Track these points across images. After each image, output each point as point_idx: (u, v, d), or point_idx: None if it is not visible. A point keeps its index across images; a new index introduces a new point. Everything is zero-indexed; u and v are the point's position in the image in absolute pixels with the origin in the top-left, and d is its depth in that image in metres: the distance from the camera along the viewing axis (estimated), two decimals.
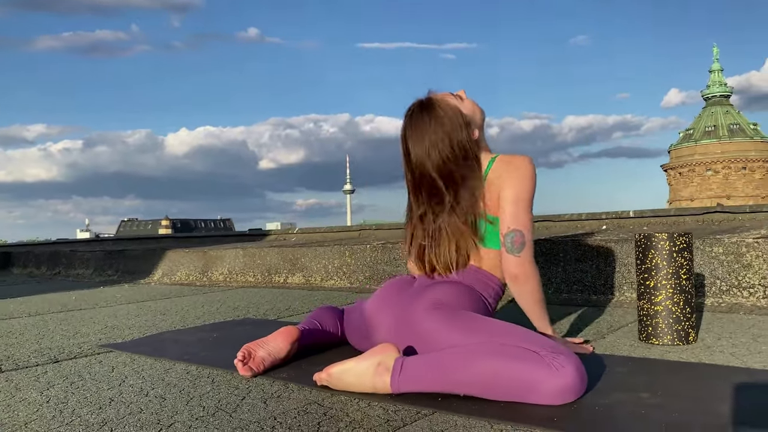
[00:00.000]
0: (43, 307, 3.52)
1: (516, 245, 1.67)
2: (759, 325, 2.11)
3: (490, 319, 1.58)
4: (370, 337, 1.79)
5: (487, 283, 1.76)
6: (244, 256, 4.52)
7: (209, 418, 1.36)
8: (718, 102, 60.64)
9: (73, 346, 2.26)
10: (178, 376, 1.74)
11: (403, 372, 1.42)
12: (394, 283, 1.83)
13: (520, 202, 1.68)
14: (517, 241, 1.67)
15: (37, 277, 6.26)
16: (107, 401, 1.52)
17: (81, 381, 1.73)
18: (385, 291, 1.81)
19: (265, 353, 1.72)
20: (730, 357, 1.70)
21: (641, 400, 1.34)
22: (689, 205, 58.61)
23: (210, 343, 2.20)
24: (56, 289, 4.72)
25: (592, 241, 2.96)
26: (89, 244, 7.46)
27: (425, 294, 1.66)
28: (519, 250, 1.67)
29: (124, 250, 5.67)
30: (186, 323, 2.70)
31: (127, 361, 1.97)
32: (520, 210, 1.68)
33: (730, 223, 3.39)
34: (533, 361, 1.36)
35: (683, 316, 1.86)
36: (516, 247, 1.67)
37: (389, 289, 1.81)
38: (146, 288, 4.56)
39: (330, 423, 1.30)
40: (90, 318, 2.98)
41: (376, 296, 1.83)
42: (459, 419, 1.29)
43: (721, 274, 2.58)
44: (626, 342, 1.94)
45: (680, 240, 1.86)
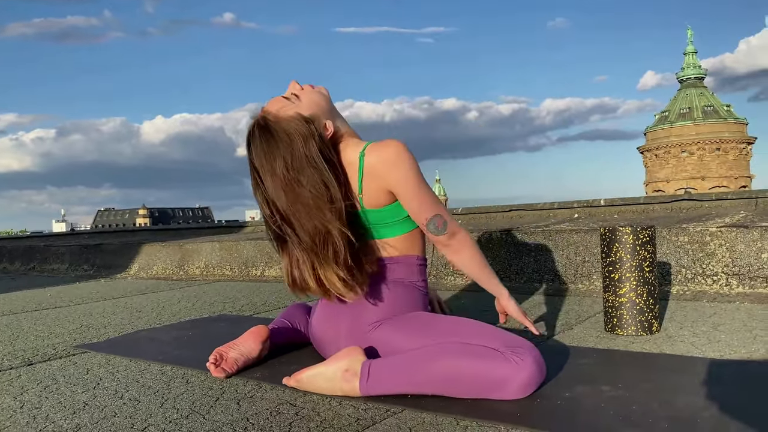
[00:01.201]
0: (17, 305, 3.50)
1: (440, 227, 1.62)
2: (720, 313, 2.18)
3: (442, 317, 1.60)
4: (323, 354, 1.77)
5: (408, 265, 1.69)
6: (221, 249, 4.52)
7: (183, 420, 1.39)
8: (693, 84, 61.33)
9: (48, 347, 2.26)
10: (153, 377, 1.76)
11: (371, 377, 1.45)
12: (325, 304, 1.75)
13: (414, 189, 1.60)
14: (439, 224, 1.62)
15: (11, 273, 6.19)
16: (81, 405, 1.53)
17: (55, 384, 1.74)
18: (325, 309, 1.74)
19: (237, 354, 1.74)
20: (691, 347, 1.76)
21: (602, 393, 1.39)
22: (665, 186, 59.26)
23: (185, 341, 2.22)
24: (31, 285, 4.68)
25: (563, 231, 3.02)
26: (64, 238, 7.39)
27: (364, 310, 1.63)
28: (444, 228, 1.63)
29: (100, 244, 5.63)
30: (162, 320, 2.71)
31: (102, 362, 1.98)
32: (423, 196, 1.61)
33: (697, 210, 3.47)
34: (494, 358, 1.40)
35: (647, 308, 1.92)
36: (441, 228, 1.63)
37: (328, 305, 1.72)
38: (122, 283, 4.54)
39: (301, 423, 1.33)
40: (65, 317, 2.97)
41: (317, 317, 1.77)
42: (427, 416, 1.33)
43: (686, 263, 2.65)
44: (593, 333, 2.00)
45: (643, 234, 1.91)
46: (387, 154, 1.59)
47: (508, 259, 3.13)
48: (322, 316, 1.76)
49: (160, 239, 5.94)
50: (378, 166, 1.59)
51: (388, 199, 1.63)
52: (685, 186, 59.16)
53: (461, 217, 4.43)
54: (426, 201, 1.61)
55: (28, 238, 8.66)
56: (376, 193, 1.61)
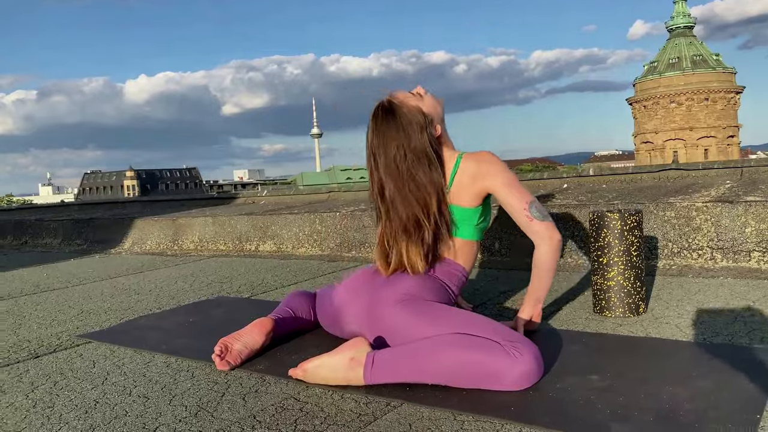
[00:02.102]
0: (16, 287, 3.54)
1: (542, 211, 1.80)
2: (704, 290, 2.26)
3: (453, 309, 1.68)
4: (340, 324, 1.89)
5: (452, 272, 1.85)
6: (214, 224, 4.55)
7: (192, 419, 1.45)
8: (682, 33, 60.86)
9: (52, 336, 2.31)
10: (158, 370, 1.82)
11: (375, 365, 1.52)
12: (363, 273, 1.90)
13: (513, 185, 1.80)
14: (540, 208, 1.80)
15: (4, 248, 6.19)
16: (92, 403, 1.59)
17: (64, 380, 1.79)
18: (355, 281, 1.89)
19: (241, 346, 1.80)
20: (676, 329, 1.84)
21: (591, 383, 1.46)
22: (653, 137, 59.26)
23: (186, 328, 2.27)
24: (26, 263, 4.71)
25: (554, 205, 3.07)
26: (54, 210, 7.37)
27: (392, 286, 1.75)
28: (546, 213, 1.80)
29: (92, 218, 5.64)
30: (161, 304, 2.76)
31: (107, 353, 2.03)
32: (518, 188, 1.81)
33: (684, 180, 3.53)
34: (495, 351, 1.47)
35: (634, 290, 1.99)
36: (544, 213, 1.79)
37: (359, 279, 1.89)
38: (117, 259, 4.58)
39: (306, 420, 1.40)
40: (64, 301, 3.02)
41: (346, 285, 1.91)
42: (425, 411, 1.40)
43: (672, 237, 2.72)
44: (582, 314, 2.07)
45: (631, 219, 1.97)
46: (485, 157, 1.83)
47: (499, 234, 3.19)
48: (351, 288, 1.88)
49: (150, 211, 5.95)
50: (473, 165, 1.81)
51: (473, 202, 1.83)
52: (674, 137, 59.32)
53: None
54: (522, 190, 1.81)
55: (18, 210, 8.63)
56: (463, 193, 1.82)
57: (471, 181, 1.81)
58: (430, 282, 1.79)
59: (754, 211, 2.55)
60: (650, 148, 61.51)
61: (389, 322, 1.67)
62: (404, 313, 1.66)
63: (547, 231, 1.78)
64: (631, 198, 3.04)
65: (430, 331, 1.58)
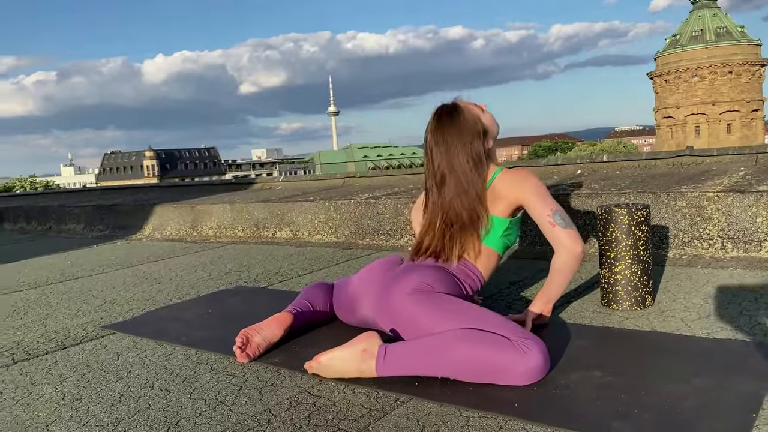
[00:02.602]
0: (42, 275, 3.66)
1: (566, 220, 1.84)
2: (713, 281, 2.29)
3: (465, 303, 1.73)
4: (355, 313, 1.97)
5: (470, 274, 1.91)
6: (232, 211, 4.63)
7: (211, 413, 1.53)
8: (706, 5, 59.50)
9: (77, 327, 2.41)
10: (179, 363, 1.90)
11: (387, 358, 1.58)
12: (381, 264, 1.98)
13: (542, 194, 1.87)
14: (566, 217, 1.85)
15: (30, 233, 6.35)
16: (117, 396, 1.68)
17: (90, 372, 1.88)
18: (371, 271, 1.97)
19: (260, 339, 1.88)
20: (681, 323, 1.88)
21: (594, 380, 1.51)
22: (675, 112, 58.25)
23: (206, 320, 2.36)
24: (51, 249, 4.84)
25: (567, 193, 3.09)
26: (77, 196, 7.52)
27: (407, 276, 1.80)
28: (571, 223, 1.84)
29: (113, 204, 5.75)
30: (182, 294, 2.85)
31: (130, 345, 2.12)
32: (547, 196, 1.87)
33: (698, 166, 3.52)
34: (504, 347, 1.53)
35: (641, 284, 2.02)
36: (568, 222, 1.84)
37: (375, 268, 1.97)
38: (139, 246, 4.69)
39: (319, 414, 1.47)
40: (89, 290, 3.12)
41: (362, 275, 1.98)
42: (433, 406, 1.46)
43: (683, 227, 2.74)
44: (590, 307, 2.11)
45: (638, 214, 2.00)
46: (521, 172, 1.93)
47: None
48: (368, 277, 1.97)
49: (169, 197, 6.06)
50: (509, 177, 1.91)
51: (503, 213, 1.91)
52: (696, 111, 58.30)
53: None
54: (549, 200, 1.88)
55: (42, 195, 8.80)
56: (494, 201, 1.90)
57: (503, 190, 1.89)
58: (445, 275, 1.84)
59: (765, 201, 2.55)
60: (671, 123, 60.58)
61: (402, 312, 1.73)
62: (417, 304, 1.71)
63: (569, 239, 1.81)
64: (643, 186, 3.05)
65: (441, 323, 1.64)
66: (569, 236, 1.81)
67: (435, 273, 1.83)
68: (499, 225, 1.91)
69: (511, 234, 1.96)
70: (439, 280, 1.81)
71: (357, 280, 2.00)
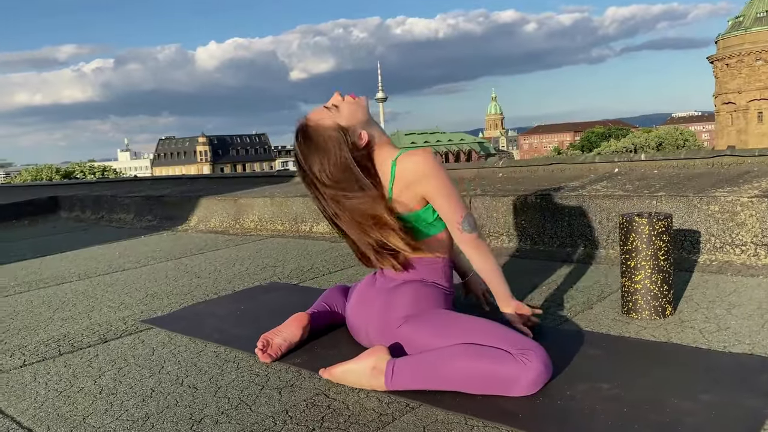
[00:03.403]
0: (91, 266, 3.86)
1: (473, 225, 1.86)
2: (739, 290, 2.26)
3: (462, 317, 1.76)
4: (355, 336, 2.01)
5: (435, 267, 1.90)
6: (272, 204, 4.76)
7: (233, 411, 1.62)
8: None
9: (119, 321, 2.55)
10: (208, 360, 2.01)
11: (395, 375, 1.64)
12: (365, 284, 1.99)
13: (448, 194, 1.82)
14: (472, 222, 1.86)
15: (84, 222, 6.66)
16: (149, 392, 1.79)
17: (127, 367, 2.01)
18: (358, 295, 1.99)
19: (281, 340, 1.97)
20: (698, 335, 1.88)
21: (600, 392, 1.54)
22: (736, 98, 56.09)
23: (238, 317, 2.47)
24: (101, 239, 5.07)
25: (597, 197, 3.08)
26: (129, 186, 7.81)
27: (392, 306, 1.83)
28: (476, 226, 1.88)
29: (161, 196, 5.97)
30: (218, 289, 2.97)
31: (166, 340, 2.25)
32: (454, 200, 1.83)
33: (738, 167, 3.44)
34: (505, 360, 1.57)
35: (660, 294, 2.02)
36: (473, 226, 1.86)
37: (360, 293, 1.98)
38: (184, 237, 4.87)
39: (332, 417, 1.55)
40: (132, 282, 3.28)
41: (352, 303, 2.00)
42: (440, 414, 1.52)
43: (716, 232, 2.70)
44: (609, 315, 2.13)
45: (659, 224, 1.99)
46: (418, 163, 1.81)
47: (542, 223, 3.23)
48: (355, 303, 1.99)
49: (215, 189, 6.24)
50: (410, 174, 1.80)
51: (416, 205, 1.84)
52: (758, 97, 55.90)
53: (502, 170, 4.49)
54: (458, 202, 1.84)
55: (96, 184, 9.18)
56: (406, 199, 1.83)
57: (407, 188, 1.81)
58: (422, 290, 1.85)
59: None
60: (732, 109, 58.31)
61: (400, 342, 1.78)
62: (412, 332, 1.76)
63: (474, 241, 1.85)
64: (678, 189, 3.01)
65: (440, 343, 1.68)
66: (473, 239, 1.85)
67: (411, 292, 1.84)
68: (422, 215, 1.85)
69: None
70: (420, 299, 1.83)
71: (350, 309, 2.00)
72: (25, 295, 3.17)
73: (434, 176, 1.80)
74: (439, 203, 1.82)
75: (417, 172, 1.80)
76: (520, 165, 4.40)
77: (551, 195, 3.23)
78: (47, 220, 7.08)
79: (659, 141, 61.08)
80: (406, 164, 1.81)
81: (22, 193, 8.93)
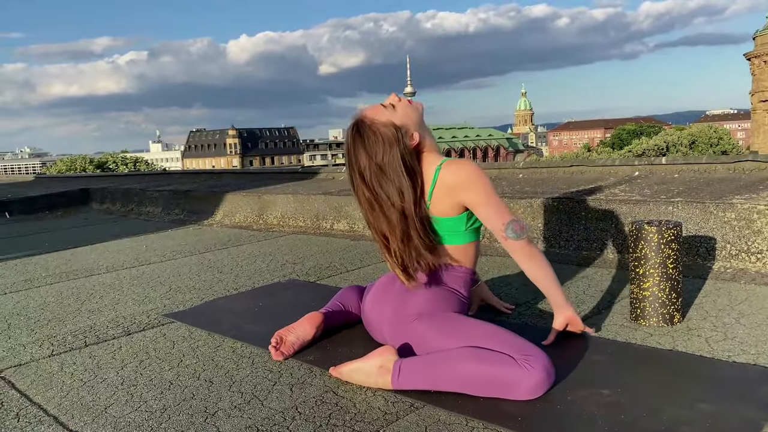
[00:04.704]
0: (119, 260, 3.99)
1: (518, 231, 1.85)
2: (750, 299, 2.26)
3: (470, 321, 1.81)
4: (370, 332, 2.08)
5: (457, 275, 1.95)
6: (295, 201, 4.85)
7: (245, 406, 1.70)
8: None
9: (143, 314, 2.65)
10: (225, 355, 2.09)
11: (401, 375, 1.70)
12: (385, 281, 2.03)
13: (491, 201, 1.85)
14: (517, 228, 1.85)
15: (114, 214, 6.84)
16: (167, 384, 1.88)
17: (148, 359, 2.10)
18: (377, 290, 2.04)
19: (294, 338, 2.04)
20: (704, 343, 1.89)
21: (600, 398, 1.58)
22: None
23: (256, 314, 2.55)
24: (130, 232, 5.22)
25: (614, 201, 3.09)
26: (157, 179, 7.99)
27: (408, 304, 1.88)
28: (523, 233, 1.86)
29: (188, 190, 6.11)
30: (238, 285, 3.06)
31: (186, 334, 2.34)
32: (498, 206, 1.86)
33: (760, 172, 3.41)
34: (508, 364, 1.62)
35: (669, 301, 2.04)
36: (519, 233, 1.85)
37: (379, 289, 2.03)
38: (209, 232, 4.99)
39: (339, 414, 1.61)
40: (158, 276, 3.39)
41: (370, 296, 2.06)
42: (442, 414, 1.57)
43: (731, 239, 2.69)
44: (618, 321, 2.15)
45: (668, 233, 2.01)
46: (462, 170, 1.85)
47: (559, 226, 3.25)
48: (373, 298, 2.05)
49: (241, 183, 6.36)
50: (454, 179, 1.84)
51: (453, 212, 1.89)
52: None
53: (522, 170, 4.51)
54: (501, 209, 1.86)
55: (126, 177, 9.39)
56: (444, 204, 1.87)
57: (447, 194, 1.84)
58: (440, 293, 1.91)
59: None
60: None
61: (410, 337, 1.84)
62: (423, 329, 1.81)
63: (520, 250, 1.86)
64: (695, 194, 3.00)
65: (448, 343, 1.74)
66: (520, 245, 1.84)
67: (430, 294, 1.89)
68: (456, 223, 1.89)
69: (476, 219, 1.92)
70: (436, 300, 1.88)
71: (368, 304, 2.06)
72: (56, 287, 3.30)
73: (477, 184, 1.83)
74: (482, 211, 1.85)
75: (460, 179, 1.84)
76: (541, 166, 4.41)
77: (568, 198, 3.25)
78: (79, 211, 7.28)
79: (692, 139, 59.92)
80: (451, 170, 1.85)
81: (56, 185, 9.19)
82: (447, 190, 1.84)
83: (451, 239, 1.92)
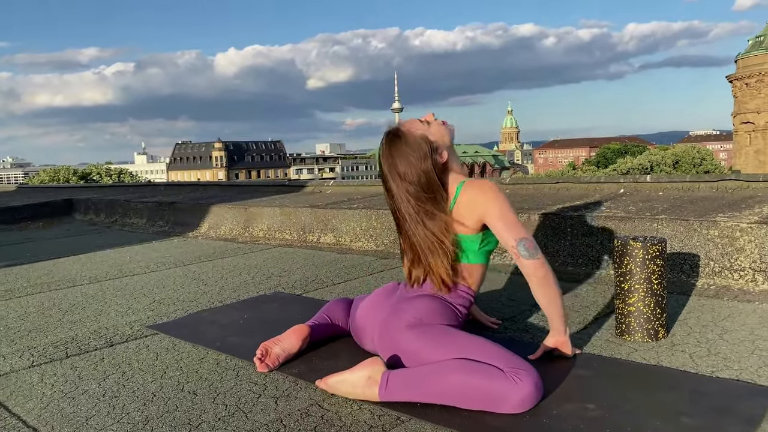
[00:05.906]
0: (102, 271, 3.94)
1: (531, 250, 1.87)
2: (734, 315, 2.29)
3: (462, 334, 1.81)
4: (361, 341, 2.09)
5: (460, 293, 1.98)
6: (281, 214, 4.84)
7: (229, 418, 1.68)
8: None
9: (126, 325, 2.62)
10: (209, 367, 2.07)
11: (389, 386, 1.69)
12: (382, 291, 2.08)
13: (506, 217, 1.89)
14: (530, 246, 1.87)
15: (98, 225, 6.77)
16: (150, 396, 1.85)
17: (131, 371, 2.07)
18: (372, 300, 2.07)
19: (279, 350, 2.03)
20: (688, 359, 1.91)
21: (585, 413, 1.58)
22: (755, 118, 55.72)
23: (241, 326, 2.53)
24: (114, 243, 5.17)
25: (600, 216, 3.12)
26: (142, 191, 7.93)
27: (404, 311, 1.89)
28: (536, 252, 1.87)
29: (174, 202, 6.08)
30: (223, 297, 3.04)
31: (169, 346, 2.31)
32: (513, 223, 1.89)
33: (742, 191, 3.46)
34: (497, 378, 1.62)
35: (653, 317, 2.06)
36: (532, 252, 1.86)
37: (375, 298, 2.07)
38: (193, 244, 4.95)
39: (324, 427, 1.60)
40: (141, 287, 3.36)
41: (365, 305, 2.08)
42: (428, 428, 1.56)
43: (715, 256, 2.73)
44: (603, 336, 2.16)
45: (653, 249, 2.03)
46: (485, 186, 1.93)
47: (545, 241, 3.27)
48: (368, 305, 2.07)
49: (228, 195, 6.34)
50: (474, 194, 1.92)
51: (472, 229, 1.94)
52: None
53: (509, 187, 4.53)
54: (516, 226, 1.89)
55: (111, 188, 9.32)
56: (462, 219, 1.93)
57: (467, 210, 1.91)
58: (438, 305, 1.92)
59: None
60: (750, 129, 57.75)
61: (401, 346, 1.83)
62: (415, 339, 1.81)
63: (532, 269, 1.86)
64: (679, 212, 3.04)
65: (439, 355, 1.73)
66: (533, 266, 1.86)
67: (428, 304, 1.91)
68: (473, 241, 1.95)
69: (491, 242, 1.98)
70: (432, 311, 1.89)
71: (361, 309, 2.09)
72: (37, 297, 3.26)
73: (496, 200, 1.89)
74: (497, 224, 1.89)
75: (480, 194, 1.91)
76: (527, 183, 4.44)
77: (554, 214, 3.27)
78: (62, 222, 7.21)
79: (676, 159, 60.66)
80: (473, 186, 1.93)
81: (39, 195, 9.10)
82: (468, 204, 1.91)
83: (463, 257, 1.96)
